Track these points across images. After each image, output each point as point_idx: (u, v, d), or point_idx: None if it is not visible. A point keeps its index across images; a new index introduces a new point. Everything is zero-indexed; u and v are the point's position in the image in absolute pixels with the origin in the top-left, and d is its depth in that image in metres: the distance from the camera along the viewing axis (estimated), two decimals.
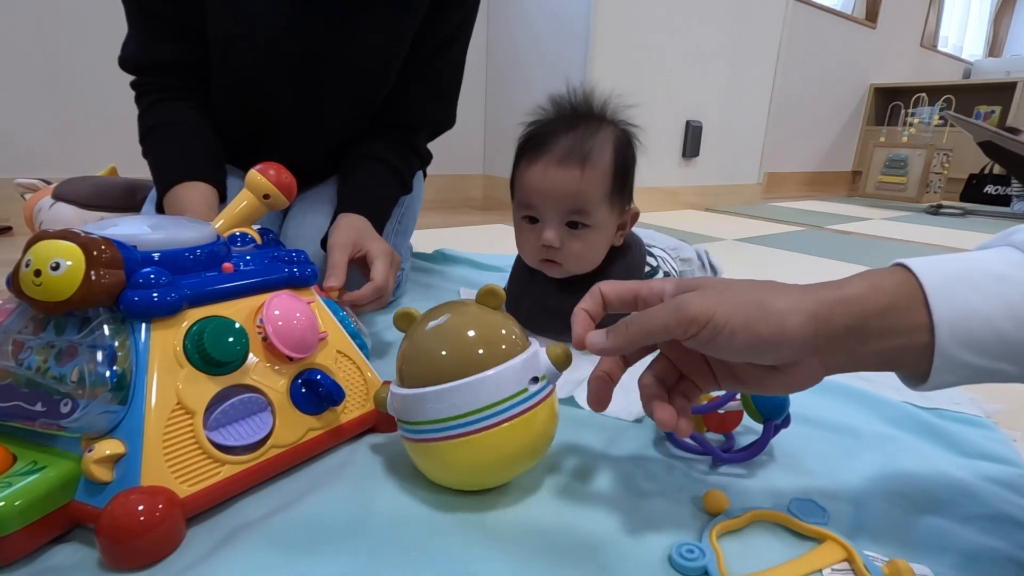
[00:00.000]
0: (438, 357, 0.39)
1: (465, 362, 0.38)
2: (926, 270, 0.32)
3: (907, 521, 0.40)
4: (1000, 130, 2.59)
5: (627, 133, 0.63)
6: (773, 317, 0.32)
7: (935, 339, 0.31)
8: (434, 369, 0.38)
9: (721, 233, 1.79)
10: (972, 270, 0.32)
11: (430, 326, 0.40)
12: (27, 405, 0.34)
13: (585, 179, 0.59)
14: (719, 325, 0.32)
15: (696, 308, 0.32)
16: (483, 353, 0.38)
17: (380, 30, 0.72)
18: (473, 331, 0.39)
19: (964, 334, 0.30)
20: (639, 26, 1.98)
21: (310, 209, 0.79)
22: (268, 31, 0.69)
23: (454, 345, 0.39)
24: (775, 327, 0.31)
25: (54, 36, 1.40)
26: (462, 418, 0.37)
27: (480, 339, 0.39)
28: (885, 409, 0.57)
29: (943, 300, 0.31)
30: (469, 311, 0.41)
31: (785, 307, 0.32)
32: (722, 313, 0.32)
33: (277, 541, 0.35)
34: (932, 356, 0.31)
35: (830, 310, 0.32)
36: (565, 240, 0.61)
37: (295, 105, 0.75)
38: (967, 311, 0.30)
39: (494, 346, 0.39)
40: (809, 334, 0.32)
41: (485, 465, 0.39)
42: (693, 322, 0.32)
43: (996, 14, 5.05)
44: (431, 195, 1.65)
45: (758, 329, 0.32)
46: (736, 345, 0.32)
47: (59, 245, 0.33)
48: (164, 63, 0.70)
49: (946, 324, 0.31)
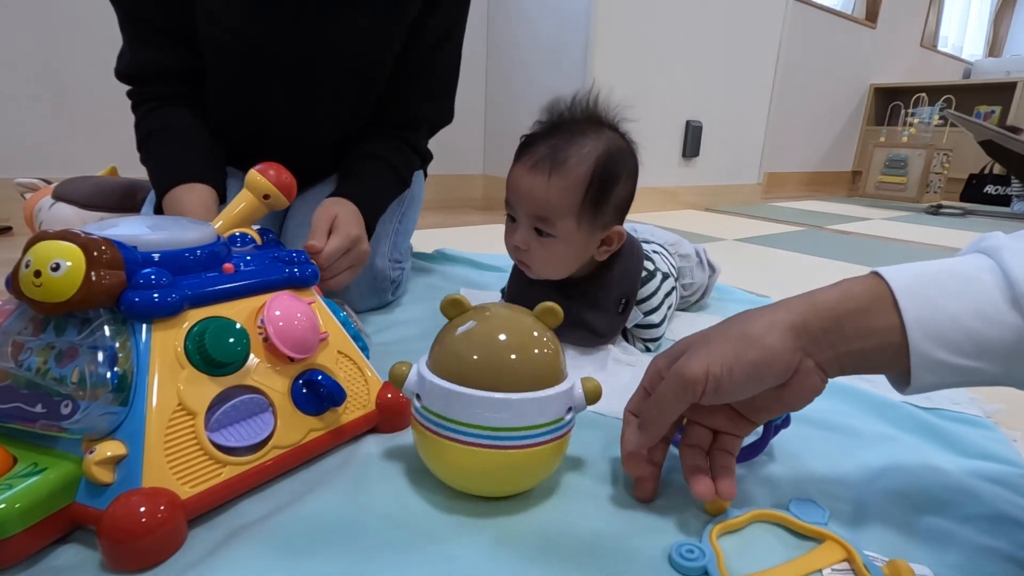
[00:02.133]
0: (502, 362, 0.38)
1: (519, 376, 0.38)
2: (894, 275, 0.34)
3: (907, 521, 0.40)
4: (1001, 129, 2.59)
5: (621, 148, 0.61)
6: (756, 341, 0.35)
7: (908, 338, 0.32)
8: (487, 371, 0.37)
9: (721, 233, 1.79)
10: (938, 273, 0.34)
11: (496, 323, 0.40)
12: (27, 407, 0.34)
13: (550, 187, 0.58)
14: (717, 374, 0.35)
15: (692, 369, 0.35)
16: (536, 373, 0.38)
17: (370, 30, 0.72)
18: (538, 349, 0.39)
19: (935, 332, 0.32)
20: (639, 26, 1.98)
21: (310, 210, 0.79)
22: (257, 33, 0.68)
23: (518, 355, 0.38)
24: (762, 349, 0.34)
25: (54, 36, 1.39)
26: (498, 431, 0.37)
27: (541, 358, 0.39)
28: (885, 409, 0.57)
29: (911, 300, 0.33)
30: (533, 325, 0.41)
31: (762, 329, 0.35)
32: (714, 362, 0.35)
33: (277, 542, 0.35)
34: (908, 355, 0.33)
35: (804, 319, 0.35)
36: (532, 244, 0.61)
37: (289, 105, 0.75)
38: (934, 310, 0.32)
39: (551, 367, 0.39)
40: (790, 342, 0.35)
41: (501, 479, 0.39)
42: (696, 382, 0.35)
43: (996, 14, 5.05)
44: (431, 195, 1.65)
45: (749, 358, 0.35)
46: (739, 381, 0.35)
47: (59, 246, 0.33)
48: (159, 71, 0.70)
49: (916, 323, 0.32)
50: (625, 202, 0.63)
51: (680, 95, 2.23)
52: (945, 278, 0.33)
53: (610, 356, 0.64)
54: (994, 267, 0.33)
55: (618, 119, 0.62)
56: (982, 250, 0.35)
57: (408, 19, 0.74)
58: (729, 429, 0.40)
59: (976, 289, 0.32)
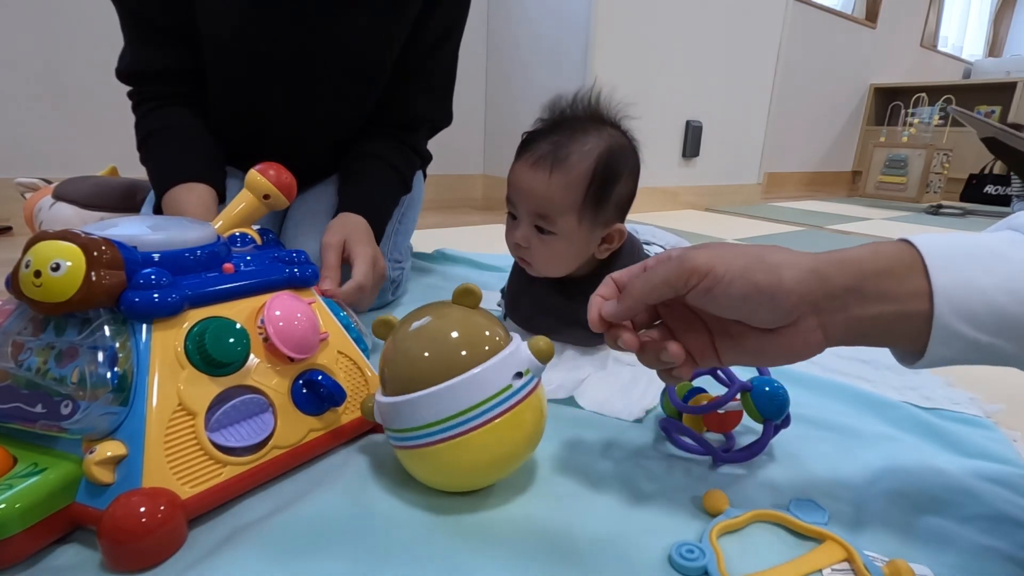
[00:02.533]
0: (420, 361, 0.38)
1: (448, 364, 0.38)
2: (926, 243, 0.33)
3: (907, 521, 0.40)
4: (1004, 126, 2.59)
5: (623, 146, 0.60)
6: (771, 268, 0.33)
7: (933, 307, 0.31)
8: (416, 374, 0.38)
9: (721, 233, 1.79)
10: (971, 246, 0.33)
11: (411, 330, 0.40)
12: (27, 407, 0.34)
13: (551, 184, 0.58)
14: (719, 274, 0.33)
15: (697, 259, 0.33)
16: (465, 354, 0.38)
17: (370, 30, 0.72)
18: (454, 332, 0.39)
19: (961, 304, 0.31)
20: (639, 26, 1.98)
21: (310, 209, 0.80)
22: (257, 32, 0.69)
23: (435, 348, 0.39)
24: (773, 277, 0.32)
25: (54, 36, 1.39)
26: (448, 421, 0.37)
27: (461, 340, 0.39)
28: (885, 409, 0.57)
29: (942, 269, 0.31)
30: (448, 313, 0.41)
31: (783, 261, 0.33)
32: (721, 263, 0.33)
33: (277, 542, 0.35)
34: (930, 325, 0.32)
35: (828, 268, 0.33)
36: (533, 242, 0.61)
37: (289, 105, 0.75)
38: (965, 282, 0.31)
39: (476, 346, 0.39)
40: (806, 288, 0.32)
41: (477, 465, 0.39)
42: (694, 272, 0.33)
43: (996, 14, 5.05)
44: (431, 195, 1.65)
45: (755, 278, 0.32)
46: (733, 293, 0.33)
47: (59, 246, 0.33)
48: (159, 71, 0.70)
49: (944, 293, 0.31)
50: (626, 200, 0.63)
51: (680, 95, 2.23)
52: (977, 251, 0.32)
53: (610, 356, 0.64)
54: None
55: (620, 117, 0.62)
56: (1014, 227, 0.34)
57: (408, 19, 0.75)
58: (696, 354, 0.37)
59: (1007, 265, 0.31)
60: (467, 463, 0.38)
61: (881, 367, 0.69)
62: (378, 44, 0.74)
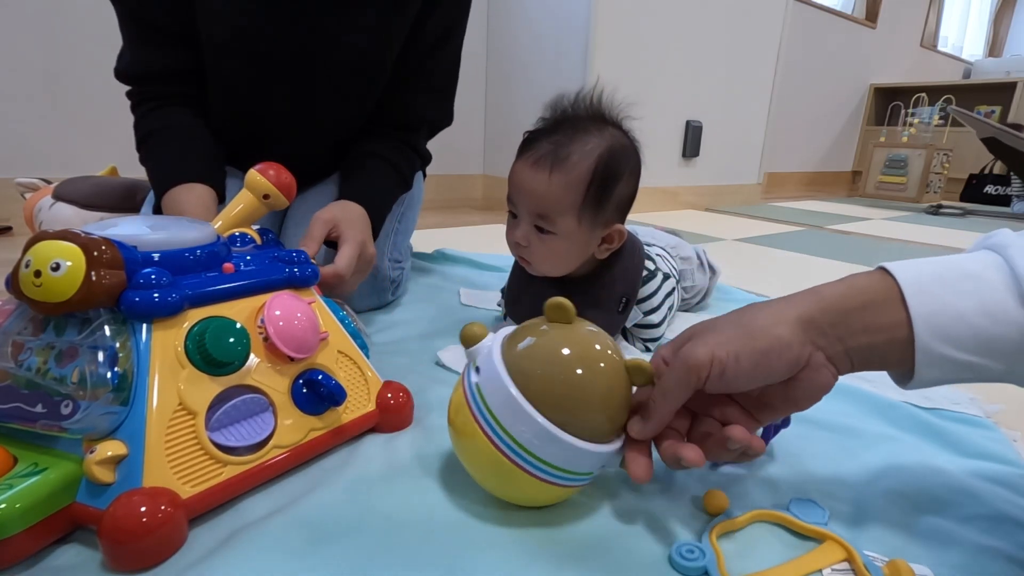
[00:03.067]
0: (597, 412, 0.36)
1: (603, 428, 0.37)
2: (901, 271, 0.34)
3: (907, 521, 0.40)
4: (1004, 126, 2.59)
5: (624, 146, 0.60)
6: (764, 331, 0.34)
7: (914, 333, 0.33)
8: (577, 416, 0.35)
9: (721, 233, 1.79)
10: (946, 270, 0.34)
11: (593, 370, 0.36)
12: (27, 406, 0.34)
13: (551, 184, 0.58)
14: (723, 359, 0.34)
15: (698, 355, 0.34)
16: (612, 425, 0.37)
17: (371, 29, 0.72)
18: (623, 396, 0.38)
19: (940, 329, 0.32)
20: (639, 26, 1.98)
21: (310, 209, 0.79)
22: (257, 32, 0.68)
23: (610, 406, 0.37)
24: (771, 338, 0.34)
25: (54, 36, 1.39)
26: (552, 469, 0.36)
27: (620, 409, 0.38)
28: (885, 409, 0.57)
29: (917, 297, 0.33)
30: (621, 370, 0.38)
31: (770, 321, 0.35)
32: (720, 349, 0.34)
33: (278, 542, 0.35)
34: (914, 350, 0.33)
35: (810, 312, 0.35)
36: (532, 241, 0.61)
37: (289, 106, 0.75)
38: (941, 307, 0.32)
39: (621, 421, 0.38)
40: (800, 335, 0.34)
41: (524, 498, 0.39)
42: (700, 368, 0.34)
43: (996, 14, 5.05)
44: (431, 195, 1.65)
45: (756, 347, 0.34)
46: (745, 369, 0.34)
47: (59, 246, 0.33)
48: (159, 71, 0.70)
49: (922, 319, 0.32)
50: (627, 200, 0.63)
51: (680, 95, 2.23)
52: (952, 275, 0.33)
53: None
54: (1002, 264, 0.33)
55: (622, 117, 0.62)
56: (989, 247, 0.35)
57: (408, 18, 0.74)
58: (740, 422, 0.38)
59: (983, 286, 0.32)
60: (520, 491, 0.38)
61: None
62: (378, 44, 0.74)
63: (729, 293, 1.01)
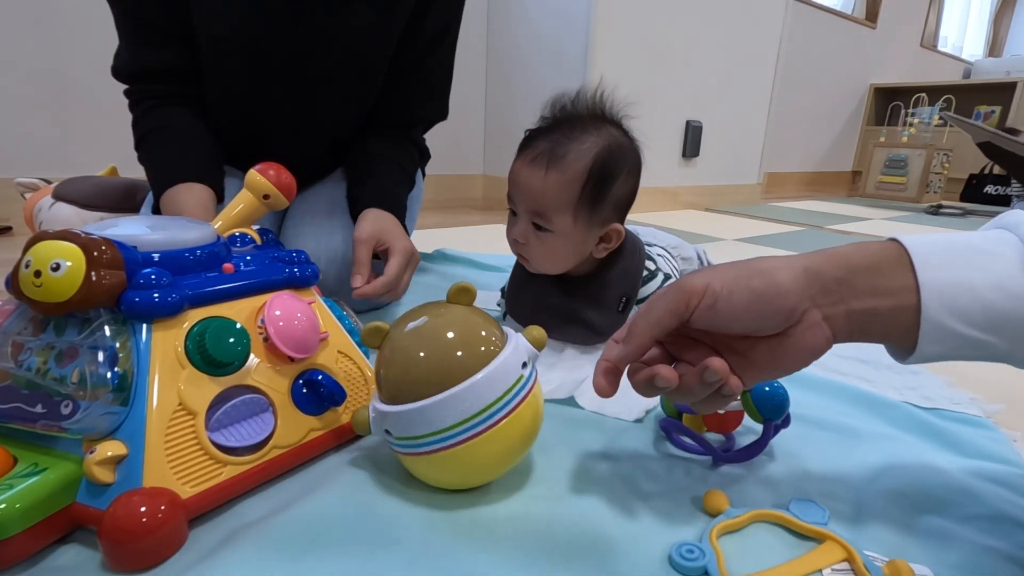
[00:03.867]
0: (425, 363, 0.38)
1: (457, 365, 0.38)
2: (914, 241, 0.33)
3: (907, 521, 0.40)
4: (999, 131, 2.59)
5: (622, 145, 0.60)
6: (765, 273, 0.33)
7: (921, 302, 0.32)
8: (423, 378, 0.37)
9: (721, 233, 1.79)
10: (960, 245, 0.33)
11: (408, 330, 0.40)
12: (27, 407, 0.34)
13: (547, 182, 0.58)
14: (717, 289, 0.33)
15: (693, 281, 0.34)
16: (472, 352, 0.38)
17: (368, 29, 0.72)
18: (457, 331, 0.39)
19: (949, 299, 0.31)
20: (640, 26, 1.98)
21: (310, 209, 0.80)
22: (255, 32, 0.68)
23: (438, 349, 0.38)
24: (768, 280, 0.33)
25: (54, 36, 1.39)
26: (467, 422, 0.37)
27: (467, 338, 0.39)
28: (885, 409, 0.57)
29: (928, 265, 0.32)
30: (446, 313, 0.41)
31: (775, 265, 0.34)
32: (717, 279, 0.33)
33: (277, 542, 0.35)
34: (919, 320, 0.32)
35: (819, 264, 0.34)
36: (530, 239, 0.62)
37: (287, 105, 0.75)
38: (952, 278, 0.32)
39: (483, 343, 0.39)
40: (802, 284, 0.33)
41: (492, 461, 0.40)
42: (693, 293, 0.33)
43: (996, 14, 5.05)
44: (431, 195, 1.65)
45: (752, 285, 0.33)
46: (736, 304, 0.33)
47: (59, 246, 0.33)
48: (157, 70, 0.70)
49: (932, 288, 0.32)
50: (626, 200, 0.63)
51: (680, 95, 2.23)
52: (965, 249, 0.33)
53: None
54: (1016, 242, 0.32)
55: (622, 115, 0.62)
56: (1004, 226, 0.34)
57: (403, 17, 0.75)
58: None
59: (996, 261, 0.32)
60: (482, 460, 0.39)
61: (881, 367, 0.69)
62: (377, 43, 0.74)
63: None
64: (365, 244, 0.64)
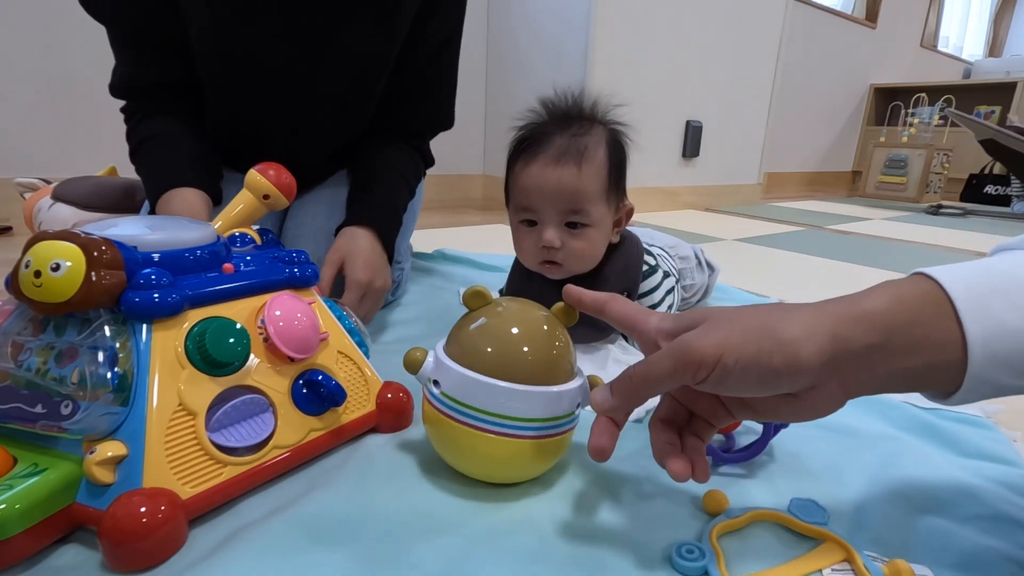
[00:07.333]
0: (525, 355, 0.39)
1: (547, 370, 0.39)
2: (952, 281, 0.29)
3: (907, 521, 0.40)
4: (1002, 128, 2.59)
5: (612, 128, 0.63)
6: (786, 347, 0.29)
7: (968, 357, 0.28)
8: (516, 366, 0.39)
9: (721, 233, 1.79)
10: (1001, 280, 0.29)
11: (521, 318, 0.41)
12: (27, 407, 0.34)
13: (583, 176, 0.59)
14: (729, 365, 0.29)
15: (702, 350, 0.29)
16: (556, 367, 0.40)
17: (368, 40, 0.72)
18: (559, 343, 0.41)
19: (998, 351, 0.28)
20: (639, 26, 1.98)
21: (310, 210, 0.80)
22: (249, 50, 0.68)
23: (541, 348, 0.40)
24: (789, 358, 0.29)
25: (54, 36, 1.39)
26: (524, 421, 0.39)
27: (563, 352, 0.41)
28: (885, 409, 0.57)
29: (974, 315, 0.28)
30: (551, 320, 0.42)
31: (799, 333, 0.29)
32: (730, 352, 0.29)
33: (277, 542, 0.35)
34: (962, 376, 0.29)
35: (849, 329, 0.29)
36: (565, 240, 0.61)
37: (287, 113, 0.74)
38: (1000, 328, 0.28)
39: (570, 362, 0.41)
40: (827, 358, 0.29)
41: (516, 466, 0.41)
42: (701, 366, 0.29)
43: (996, 14, 5.05)
44: (431, 195, 1.65)
45: (771, 363, 0.29)
46: (749, 381, 0.30)
47: (59, 246, 0.33)
48: (153, 85, 0.70)
49: (979, 342, 0.28)
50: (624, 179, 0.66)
51: (680, 95, 2.23)
52: (1010, 287, 0.29)
53: (610, 356, 0.64)
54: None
55: (602, 108, 0.63)
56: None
57: (405, 26, 0.74)
58: (708, 416, 0.36)
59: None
60: (510, 461, 0.40)
61: None
62: (377, 55, 0.74)
63: (729, 293, 1.01)
64: (331, 265, 0.65)
